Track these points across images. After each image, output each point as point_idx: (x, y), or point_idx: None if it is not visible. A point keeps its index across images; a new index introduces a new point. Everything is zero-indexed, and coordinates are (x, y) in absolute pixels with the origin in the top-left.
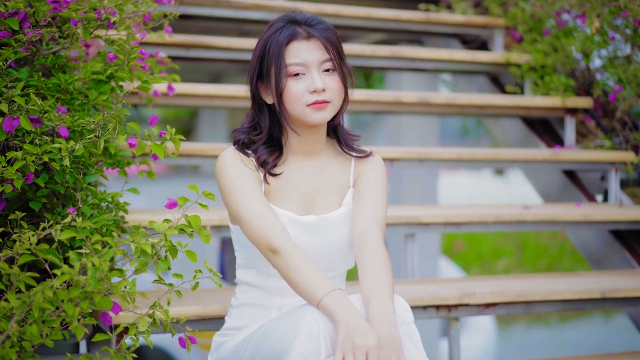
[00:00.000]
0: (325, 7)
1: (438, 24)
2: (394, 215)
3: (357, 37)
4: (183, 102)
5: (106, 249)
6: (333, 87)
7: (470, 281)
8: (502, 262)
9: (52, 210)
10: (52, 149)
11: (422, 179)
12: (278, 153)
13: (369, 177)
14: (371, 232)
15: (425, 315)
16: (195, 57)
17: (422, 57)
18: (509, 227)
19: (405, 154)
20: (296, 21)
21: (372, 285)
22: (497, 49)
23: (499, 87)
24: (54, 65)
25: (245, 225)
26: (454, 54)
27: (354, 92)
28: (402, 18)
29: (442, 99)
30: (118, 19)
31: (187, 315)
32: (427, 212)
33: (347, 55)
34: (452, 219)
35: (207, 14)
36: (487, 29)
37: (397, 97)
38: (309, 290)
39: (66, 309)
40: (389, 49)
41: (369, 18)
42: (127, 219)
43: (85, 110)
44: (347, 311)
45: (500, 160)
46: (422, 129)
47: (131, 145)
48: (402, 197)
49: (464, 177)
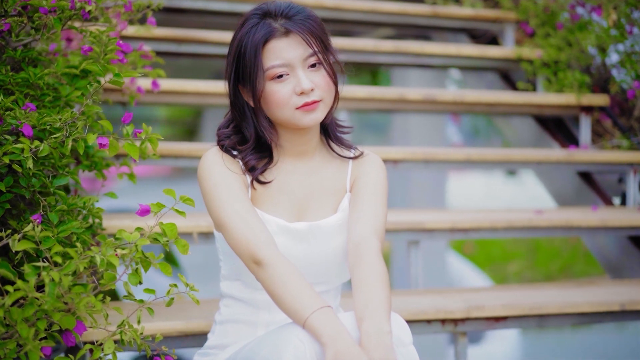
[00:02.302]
0: (325, 1)
1: (446, 17)
2: (397, 220)
3: (363, 32)
4: (173, 99)
5: (67, 262)
6: (321, 83)
7: (479, 292)
8: (513, 265)
9: (18, 217)
10: (13, 149)
11: (430, 181)
12: (268, 159)
13: (367, 180)
14: (368, 241)
15: (430, 330)
16: (187, 53)
17: (428, 53)
18: (520, 233)
19: (409, 155)
20: (271, 14)
21: (366, 302)
22: (508, 44)
23: (510, 84)
24: (24, 58)
25: (227, 233)
26: (462, 49)
27: (356, 89)
28: (408, 12)
29: (449, 96)
30: (93, 8)
31: (168, 331)
32: (432, 217)
33: (349, 51)
34: (459, 225)
35: (202, 7)
36: (497, 23)
37: (401, 95)
38: (294, 308)
39: (19, 329)
40: (393, 43)
41: (373, 12)
42: (106, 226)
43: (57, 108)
44: (334, 333)
45: (511, 161)
46: (430, 128)
47: (101, 146)
48: (409, 200)
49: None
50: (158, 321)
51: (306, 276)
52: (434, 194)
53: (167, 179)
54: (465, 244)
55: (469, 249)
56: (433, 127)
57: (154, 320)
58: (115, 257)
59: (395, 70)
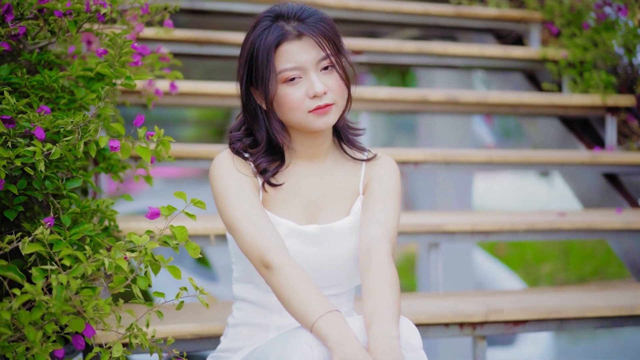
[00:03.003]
0: (349, 1)
1: (470, 18)
2: (416, 223)
3: (388, 33)
4: (193, 101)
5: (75, 265)
6: (334, 86)
7: (499, 296)
8: (546, 267)
9: (32, 220)
10: (25, 152)
11: (456, 183)
12: (280, 161)
13: (380, 182)
14: (379, 245)
15: (448, 334)
16: (209, 55)
17: (451, 53)
18: (542, 235)
19: (430, 157)
20: (283, 16)
21: (375, 306)
22: (533, 44)
23: (536, 85)
24: (40, 61)
25: (237, 236)
26: (485, 49)
27: (377, 90)
28: (432, 12)
29: (472, 98)
30: (108, 11)
31: (182, 333)
32: (453, 219)
33: (371, 52)
34: (480, 227)
35: (224, 8)
36: (522, 23)
37: (423, 96)
38: (302, 312)
39: (26, 332)
40: (416, 44)
41: (396, 12)
42: (123, 228)
43: (72, 110)
44: (341, 337)
45: (534, 162)
46: (456, 129)
47: (113, 148)
48: (434, 202)
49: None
50: (172, 324)
51: (317, 279)
52: (459, 196)
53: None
54: (498, 245)
55: (501, 250)
56: (459, 128)
57: (169, 323)
58: (123, 260)
59: (420, 71)
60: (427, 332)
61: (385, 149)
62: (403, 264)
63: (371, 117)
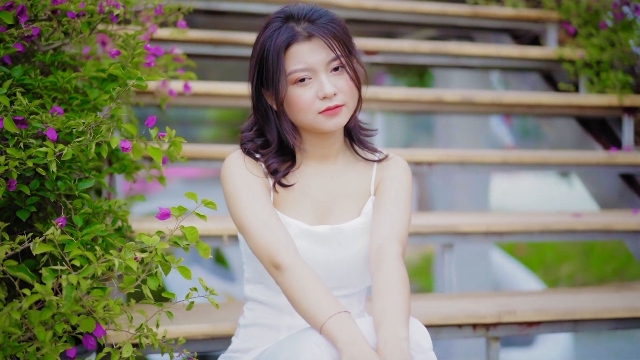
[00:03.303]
0: (365, 2)
1: (487, 18)
2: (430, 224)
3: (406, 33)
4: (208, 102)
5: (86, 265)
6: (344, 87)
7: (512, 297)
8: (565, 268)
9: (45, 220)
10: (37, 153)
11: (473, 183)
12: (291, 162)
13: (391, 183)
14: (389, 245)
15: (461, 335)
16: (224, 55)
17: (467, 54)
18: (557, 236)
19: (444, 157)
20: (293, 17)
21: (384, 307)
22: (550, 44)
23: (553, 85)
24: (53, 62)
25: (248, 236)
26: (501, 49)
27: (392, 90)
28: (448, 12)
29: (487, 98)
30: (122, 12)
31: (194, 334)
32: (467, 220)
33: (387, 52)
34: (494, 228)
35: (239, 9)
36: (539, 23)
37: (438, 96)
38: (311, 313)
39: (36, 332)
40: (431, 44)
41: (412, 12)
42: (136, 228)
43: (85, 111)
44: (350, 338)
45: (550, 163)
46: (473, 129)
47: (124, 149)
48: (451, 203)
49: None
50: (184, 324)
51: (328, 280)
52: (476, 196)
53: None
54: (517, 246)
55: (521, 251)
56: (476, 128)
57: (181, 323)
58: (133, 260)
59: (437, 71)
60: (440, 333)
61: (399, 150)
62: (421, 265)
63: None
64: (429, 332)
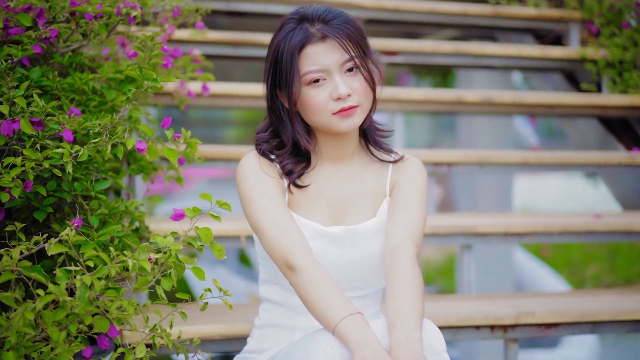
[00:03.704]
0: (385, 2)
1: (508, 18)
2: (449, 224)
3: (428, 33)
4: (227, 102)
5: (100, 266)
6: (359, 88)
7: (531, 298)
8: (592, 269)
9: (62, 221)
10: (54, 154)
11: (495, 184)
12: (306, 163)
13: (406, 184)
14: (403, 247)
15: (479, 336)
16: (244, 56)
17: (488, 54)
18: (577, 237)
19: (464, 158)
20: (308, 18)
21: (398, 308)
22: (573, 44)
23: (575, 85)
24: (71, 63)
25: (262, 237)
26: (522, 49)
27: (412, 91)
28: (469, 12)
29: (507, 98)
30: (139, 14)
31: (210, 334)
32: (486, 221)
33: (407, 52)
34: (513, 229)
35: (260, 10)
36: (561, 23)
37: (458, 97)
38: (324, 314)
39: (50, 333)
40: (452, 44)
41: (433, 12)
42: (154, 229)
43: (102, 112)
44: (363, 340)
45: (570, 164)
46: (496, 129)
47: (139, 150)
48: (474, 203)
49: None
50: (201, 324)
51: (343, 280)
52: (499, 197)
53: None
54: (542, 246)
55: (546, 251)
56: (498, 129)
57: (198, 323)
58: (147, 261)
59: (460, 71)
60: (457, 335)
61: (419, 151)
62: (445, 265)
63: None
64: (446, 334)
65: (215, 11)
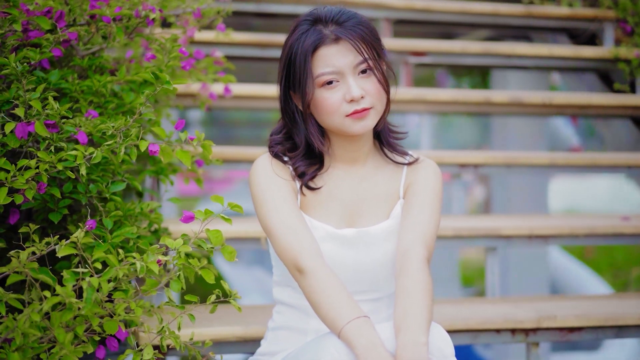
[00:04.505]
0: (415, 2)
1: (541, 17)
2: (472, 226)
3: (462, 34)
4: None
5: (108, 268)
6: (372, 90)
7: (554, 301)
8: (636, 271)
9: (78, 222)
10: (68, 156)
11: (531, 186)
12: (319, 165)
13: (420, 187)
14: (414, 249)
15: (499, 340)
16: (272, 57)
17: (519, 54)
18: (604, 240)
19: (490, 159)
20: (321, 20)
21: (405, 312)
22: (607, 43)
23: (610, 86)
24: (91, 66)
25: (273, 239)
26: (554, 49)
27: (440, 92)
28: (501, 12)
29: (537, 99)
30: (158, 16)
31: (226, 336)
32: (510, 223)
33: (435, 53)
34: (538, 231)
35: (289, 11)
36: (595, 22)
37: (486, 97)
38: (331, 317)
39: (56, 334)
40: (482, 45)
41: (464, 13)
42: (173, 230)
43: (120, 114)
44: (368, 344)
45: (599, 165)
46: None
47: (152, 152)
48: (509, 206)
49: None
50: (217, 326)
51: (355, 283)
52: (534, 199)
53: None
54: (586, 248)
55: (589, 253)
56: (533, 130)
57: (214, 325)
58: (155, 263)
59: (495, 72)
60: (477, 338)
61: (444, 152)
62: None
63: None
64: (466, 337)
65: (246, 13)
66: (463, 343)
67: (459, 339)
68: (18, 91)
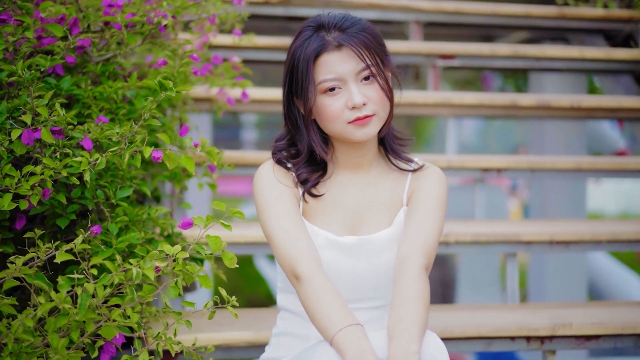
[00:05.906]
0: (445, 4)
1: (574, 19)
2: (491, 232)
3: (501, 36)
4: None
5: (104, 274)
6: (375, 97)
7: (572, 308)
8: None
9: (86, 228)
10: (72, 162)
11: (567, 190)
12: (322, 172)
13: (424, 193)
14: (413, 257)
15: (514, 347)
16: None
17: (549, 56)
18: (628, 246)
19: (513, 164)
20: (324, 26)
21: (398, 320)
22: None
23: None
24: (104, 72)
25: (273, 246)
26: (585, 51)
27: (465, 95)
28: (533, 14)
29: (565, 102)
30: (170, 22)
31: (235, 341)
32: (530, 228)
33: (463, 56)
34: (559, 237)
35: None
36: (631, 23)
37: (513, 101)
38: (324, 325)
39: (50, 340)
40: (511, 47)
41: (495, 15)
42: (186, 235)
43: (131, 121)
44: (358, 352)
45: (625, 169)
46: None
47: (155, 159)
48: (546, 211)
49: None
50: (226, 331)
51: (356, 291)
52: (572, 203)
53: None
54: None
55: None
56: (571, 133)
57: (223, 330)
58: (151, 270)
59: (531, 75)
60: (491, 345)
61: (466, 156)
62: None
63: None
64: (478, 344)
65: (275, 17)
66: (476, 350)
67: (472, 346)
68: (26, 98)
